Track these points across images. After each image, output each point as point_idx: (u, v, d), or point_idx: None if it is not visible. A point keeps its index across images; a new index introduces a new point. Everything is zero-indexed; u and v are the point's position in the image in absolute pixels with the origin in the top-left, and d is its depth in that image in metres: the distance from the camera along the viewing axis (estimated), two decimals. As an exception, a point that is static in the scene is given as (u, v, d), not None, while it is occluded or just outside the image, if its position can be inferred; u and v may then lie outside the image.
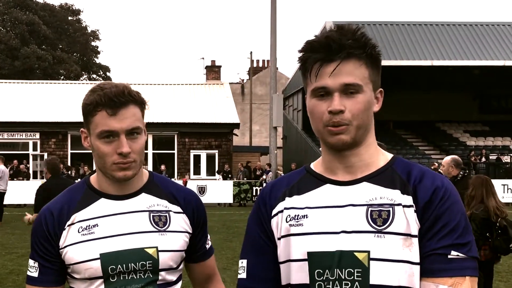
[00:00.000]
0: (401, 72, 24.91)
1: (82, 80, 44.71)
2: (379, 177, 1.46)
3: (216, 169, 26.22)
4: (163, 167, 24.28)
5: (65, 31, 45.66)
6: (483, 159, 26.05)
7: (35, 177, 25.52)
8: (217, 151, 27.05)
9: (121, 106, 1.64)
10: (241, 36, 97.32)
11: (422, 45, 25.64)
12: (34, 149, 26.42)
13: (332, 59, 1.42)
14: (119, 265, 1.66)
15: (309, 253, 1.43)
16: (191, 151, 27.02)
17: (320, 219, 1.45)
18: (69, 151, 26.59)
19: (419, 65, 24.94)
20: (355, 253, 1.40)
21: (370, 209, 1.43)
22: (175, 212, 1.76)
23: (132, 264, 1.66)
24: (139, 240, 1.69)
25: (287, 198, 1.52)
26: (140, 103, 1.70)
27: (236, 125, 27.47)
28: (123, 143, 1.63)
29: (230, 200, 23.04)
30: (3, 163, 15.60)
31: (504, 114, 30.56)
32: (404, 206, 1.42)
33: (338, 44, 1.41)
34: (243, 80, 48.61)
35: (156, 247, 1.69)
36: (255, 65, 46.13)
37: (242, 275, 1.55)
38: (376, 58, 1.47)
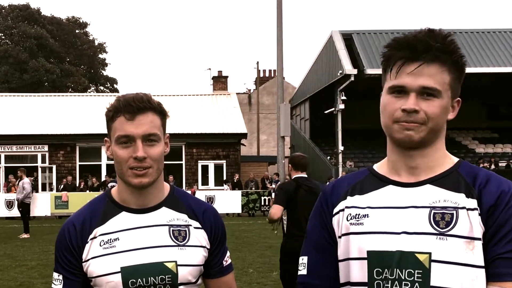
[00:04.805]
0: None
1: (89, 92, 44.95)
2: (443, 180, 1.46)
3: (224, 179, 26.20)
4: (171, 178, 24.29)
5: (72, 44, 46.00)
6: (493, 167, 25.88)
7: (44, 189, 25.61)
8: (225, 161, 27.04)
9: (139, 112, 1.66)
10: (247, 47, 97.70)
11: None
12: (43, 161, 26.52)
13: (416, 59, 1.41)
14: (139, 279, 1.67)
15: (368, 252, 1.44)
16: (199, 161, 27.03)
17: (381, 219, 1.46)
18: (78, 163, 26.66)
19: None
20: (416, 254, 1.40)
21: (433, 211, 1.42)
22: (194, 227, 1.77)
23: (151, 278, 1.68)
24: (159, 254, 1.70)
25: (348, 197, 1.53)
26: (160, 112, 1.71)
27: (244, 135, 27.48)
28: (138, 148, 1.65)
29: (238, 210, 23.02)
30: (25, 175, 15.76)
31: (513, 121, 30.42)
32: (468, 209, 1.41)
33: (425, 44, 1.40)
34: (250, 90, 48.69)
35: (175, 262, 1.70)
36: (261, 75, 46.21)
37: (303, 271, 1.57)
38: (461, 67, 1.46)
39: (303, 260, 1.58)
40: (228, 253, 1.88)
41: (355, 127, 28.77)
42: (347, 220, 1.50)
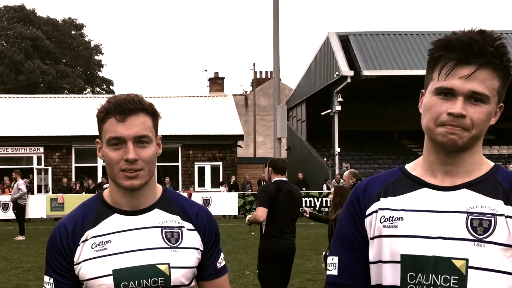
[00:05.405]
0: (405, 82, 24.90)
1: (85, 93, 44.89)
2: (480, 185, 1.44)
3: (221, 180, 26.19)
4: (167, 179, 24.27)
5: (68, 46, 45.93)
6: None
7: (39, 191, 25.53)
8: (221, 163, 27.04)
9: (130, 113, 1.64)
10: (244, 48, 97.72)
11: (425, 55, 25.65)
12: (38, 163, 26.46)
13: (469, 63, 1.37)
14: (131, 281, 1.66)
15: (402, 256, 1.42)
16: (195, 163, 27.02)
17: (416, 223, 1.43)
18: (73, 165, 26.62)
19: (423, 75, 24.91)
20: (453, 260, 1.38)
21: (470, 217, 1.40)
22: (187, 229, 1.75)
23: (144, 280, 1.66)
24: (151, 256, 1.68)
25: (381, 199, 1.51)
26: (152, 113, 1.69)
27: (240, 137, 27.48)
28: (129, 150, 1.63)
29: (235, 212, 23.01)
30: (20, 177, 15.70)
31: (509, 122, 30.49)
32: (507, 216, 1.39)
33: (480, 48, 1.37)
34: (246, 91, 48.69)
35: (168, 264, 1.68)
36: (258, 76, 46.23)
37: (333, 271, 1.55)
38: (509, 71, 1.43)
39: (333, 260, 1.55)
40: (222, 255, 1.86)
41: (351, 128, 28.80)
42: (380, 222, 1.47)
